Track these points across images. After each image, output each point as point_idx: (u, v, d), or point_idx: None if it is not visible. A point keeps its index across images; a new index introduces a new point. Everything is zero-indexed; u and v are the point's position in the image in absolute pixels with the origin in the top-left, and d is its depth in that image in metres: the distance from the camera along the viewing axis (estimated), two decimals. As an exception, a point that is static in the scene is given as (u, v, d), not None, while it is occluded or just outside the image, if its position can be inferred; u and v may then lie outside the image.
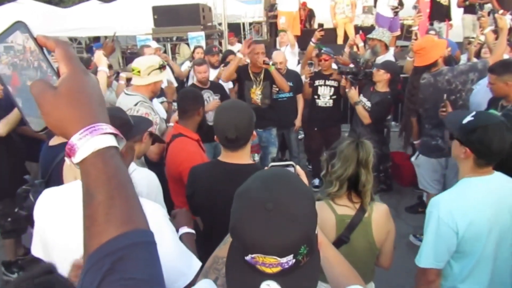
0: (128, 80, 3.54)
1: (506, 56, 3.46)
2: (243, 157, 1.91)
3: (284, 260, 0.79)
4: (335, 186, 1.79)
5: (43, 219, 1.44)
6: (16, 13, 9.46)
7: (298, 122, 4.83)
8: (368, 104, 4.12)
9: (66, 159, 0.61)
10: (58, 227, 1.38)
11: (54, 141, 2.49)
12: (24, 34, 0.67)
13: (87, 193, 0.59)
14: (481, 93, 3.23)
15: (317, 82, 4.69)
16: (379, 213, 1.82)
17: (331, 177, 1.81)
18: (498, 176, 1.75)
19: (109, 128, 0.62)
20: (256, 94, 4.34)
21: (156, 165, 2.94)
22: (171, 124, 3.10)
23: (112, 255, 0.54)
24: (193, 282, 1.24)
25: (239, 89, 4.49)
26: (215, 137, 1.90)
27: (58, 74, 0.66)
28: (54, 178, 2.18)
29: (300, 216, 0.80)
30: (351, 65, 4.56)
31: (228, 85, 4.79)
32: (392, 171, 4.83)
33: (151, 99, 3.11)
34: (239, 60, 4.16)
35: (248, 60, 4.34)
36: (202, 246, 2.12)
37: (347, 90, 4.25)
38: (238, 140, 1.85)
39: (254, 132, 1.94)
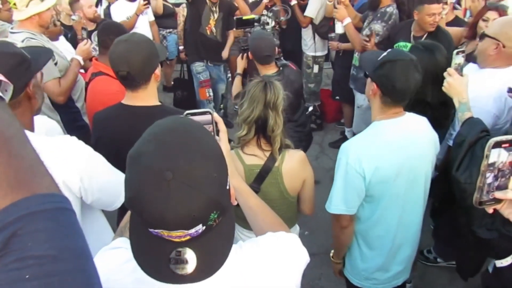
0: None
1: None
2: (150, 98, 1.71)
3: (192, 230, 0.70)
4: (244, 129, 1.70)
5: None
6: None
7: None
8: None
9: None
10: None
11: None
12: None
13: None
14: None
15: None
16: (292, 161, 1.72)
17: (239, 119, 1.72)
18: (408, 117, 1.71)
19: None
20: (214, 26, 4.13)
21: (68, 107, 2.70)
22: (78, 57, 2.79)
23: (2, 232, 0.42)
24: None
25: (192, 13, 4.17)
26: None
27: None
28: None
29: (204, 181, 0.69)
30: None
31: (148, 17, 4.36)
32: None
33: (45, 34, 2.72)
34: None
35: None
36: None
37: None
38: (133, 78, 1.62)
39: (157, 71, 1.70)
